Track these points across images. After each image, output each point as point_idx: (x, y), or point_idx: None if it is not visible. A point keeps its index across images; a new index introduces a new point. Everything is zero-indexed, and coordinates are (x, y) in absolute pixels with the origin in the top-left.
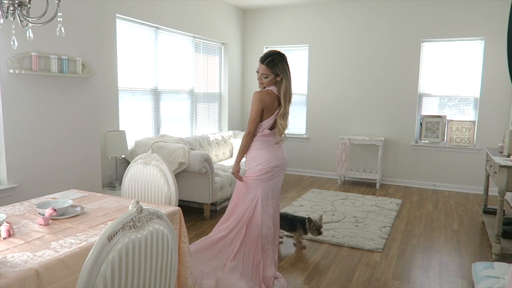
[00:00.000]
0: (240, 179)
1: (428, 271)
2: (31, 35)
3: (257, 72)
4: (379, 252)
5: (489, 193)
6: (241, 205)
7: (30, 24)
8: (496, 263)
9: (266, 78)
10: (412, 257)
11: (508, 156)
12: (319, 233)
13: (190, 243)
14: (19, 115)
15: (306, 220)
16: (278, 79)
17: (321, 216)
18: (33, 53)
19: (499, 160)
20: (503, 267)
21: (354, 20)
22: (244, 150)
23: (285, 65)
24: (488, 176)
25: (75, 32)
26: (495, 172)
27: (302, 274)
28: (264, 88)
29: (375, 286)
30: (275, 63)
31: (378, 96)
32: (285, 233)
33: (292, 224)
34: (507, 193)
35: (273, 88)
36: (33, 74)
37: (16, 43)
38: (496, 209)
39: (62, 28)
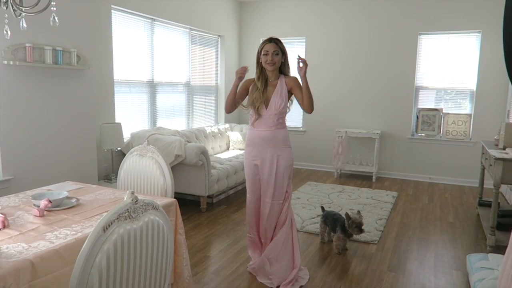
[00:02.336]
0: None
1: (423, 263)
2: (25, 25)
3: (265, 55)
4: (375, 244)
5: (485, 186)
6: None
7: (23, 14)
8: (490, 255)
9: (277, 55)
10: (408, 249)
11: (504, 149)
12: (361, 230)
13: (186, 236)
14: (14, 107)
15: (345, 217)
16: (283, 59)
17: (359, 211)
18: (27, 44)
19: (494, 153)
20: (498, 258)
21: (351, 12)
22: None
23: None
24: (483, 169)
25: (70, 23)
26: (491, 165)
27: None
28: (274, 69)
29: (371, 278)
30: (279, 41)
31: (375, 89)
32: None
33: (333, 224)
34: (502, 185)
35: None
36: (27, 65)
37: (9, 33)
38: (491, 201)
39: (56, 18)
